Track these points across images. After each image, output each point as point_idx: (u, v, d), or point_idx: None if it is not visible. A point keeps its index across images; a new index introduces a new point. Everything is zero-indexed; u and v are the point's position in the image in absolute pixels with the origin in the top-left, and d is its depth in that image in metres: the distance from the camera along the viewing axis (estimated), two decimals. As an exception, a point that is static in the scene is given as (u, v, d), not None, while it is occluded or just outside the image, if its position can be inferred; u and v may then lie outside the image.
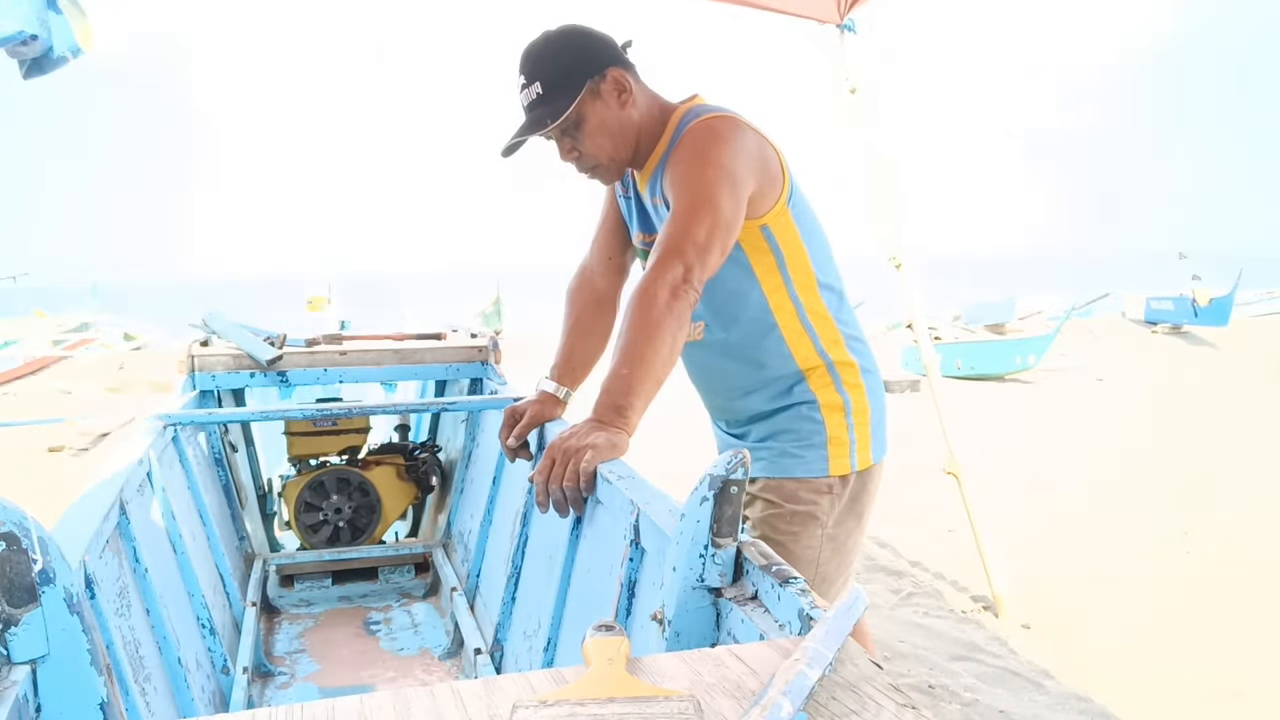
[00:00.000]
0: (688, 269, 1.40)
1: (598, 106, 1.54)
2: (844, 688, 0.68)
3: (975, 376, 10.08)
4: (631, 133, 1.58)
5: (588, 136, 1.56)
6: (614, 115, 1.56)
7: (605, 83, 1.54)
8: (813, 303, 1.61)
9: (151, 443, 1.89)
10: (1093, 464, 5.74)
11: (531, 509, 2.02)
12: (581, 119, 1.54)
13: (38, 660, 0.72)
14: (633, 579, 1.24)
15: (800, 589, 0.83)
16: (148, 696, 1.41)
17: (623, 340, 1.40)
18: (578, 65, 1.53)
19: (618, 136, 1.57)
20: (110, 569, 1.41)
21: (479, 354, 2.97)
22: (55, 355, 13.23)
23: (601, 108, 1.55)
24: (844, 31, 3.13)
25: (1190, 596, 3.42)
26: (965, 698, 2.64)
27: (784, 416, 1.62)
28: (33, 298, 21.90)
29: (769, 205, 1.55)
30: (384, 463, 3.03)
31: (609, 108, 1.55)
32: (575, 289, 1.85)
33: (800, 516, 1.60)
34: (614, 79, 1.55)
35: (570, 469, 1.32)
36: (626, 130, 1.57)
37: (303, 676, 2.18)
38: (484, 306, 19.96)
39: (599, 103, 1.54)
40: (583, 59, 1.53)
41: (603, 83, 1.54)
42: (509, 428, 1.70)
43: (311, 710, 0.65)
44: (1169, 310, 14.19)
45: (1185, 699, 2.64)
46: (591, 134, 1.56)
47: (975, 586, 3.50)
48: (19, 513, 0.70)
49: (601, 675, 0.68)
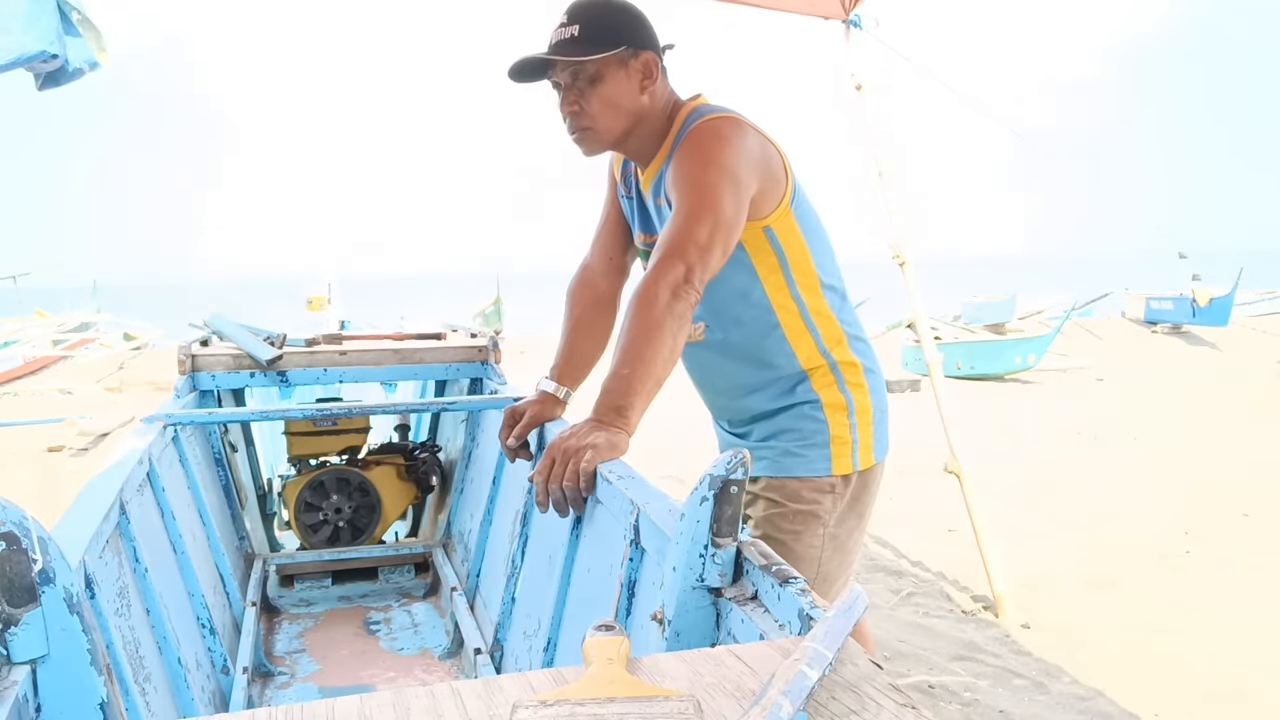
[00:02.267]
0: (689, 269, 1.40)
1: (619, 76, 1.55)
2: (844, 687, 0.68)
3: (975, 376, 10.08)
4: (635, 117, 1.58)
5: (596, 97, 1.55)
6: (628, 92, 1.56)
7: (637, 60, 1.55)
8: (815, 303, 1.61)
9: (151, 443, 1.89)
10: (1093, 464, 5.74)
11: (531, 509, 2.02)
12: (599, 77, 1.54)
13: (38, 660, 0.72)
14: (633, 579, 1.24)
15: (800, 589, 0.83)
16: (148, 696, 1.41)
17: (623, 340, 1.40)
18: (622, 29, 1.54)
19: (621, 113, 1.57)
20: (110, 569, 1.41)
21: (479, 354, 2.97)
22: (55, 355, 13.23)
23: (623, 79, 1.55)
24: (850, 27, 3.12)
25: (1190, 597, 3.42)
26: (965, 698, 2.64)
27: (787, 416, 1.62)
28: (33, 298, 21.94)
29: (772, 206, 1.55)
30: (384, 463, 3.03)
31: (629, 82, 1.56)
32: (576, 289, 1.85)
33: (803, 516, 1.60)
34: (646, 60, 1.56)
35: (570, 469, 1.32)
36: (633, 112, 1.57)
37: (303, 676, 2.18)
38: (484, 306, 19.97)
39: (622, 72, 1.55)
40: (629, 27, 1.55)
41: (634, 58, 1.55)
42: (509, 428, 1.70)
43: (311, 710, 0.65)
44: (1169, 310, 14.19)
45: (1185, 699, 2.64)
46: (600, 96, 1.55)
47: (975, 586, 3.50)
48: (19, 513, 0.70)
49: (601, 675, 0.68)
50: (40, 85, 2.12)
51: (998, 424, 7.17)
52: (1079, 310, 14.54)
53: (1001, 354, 10.46)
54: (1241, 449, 6.07)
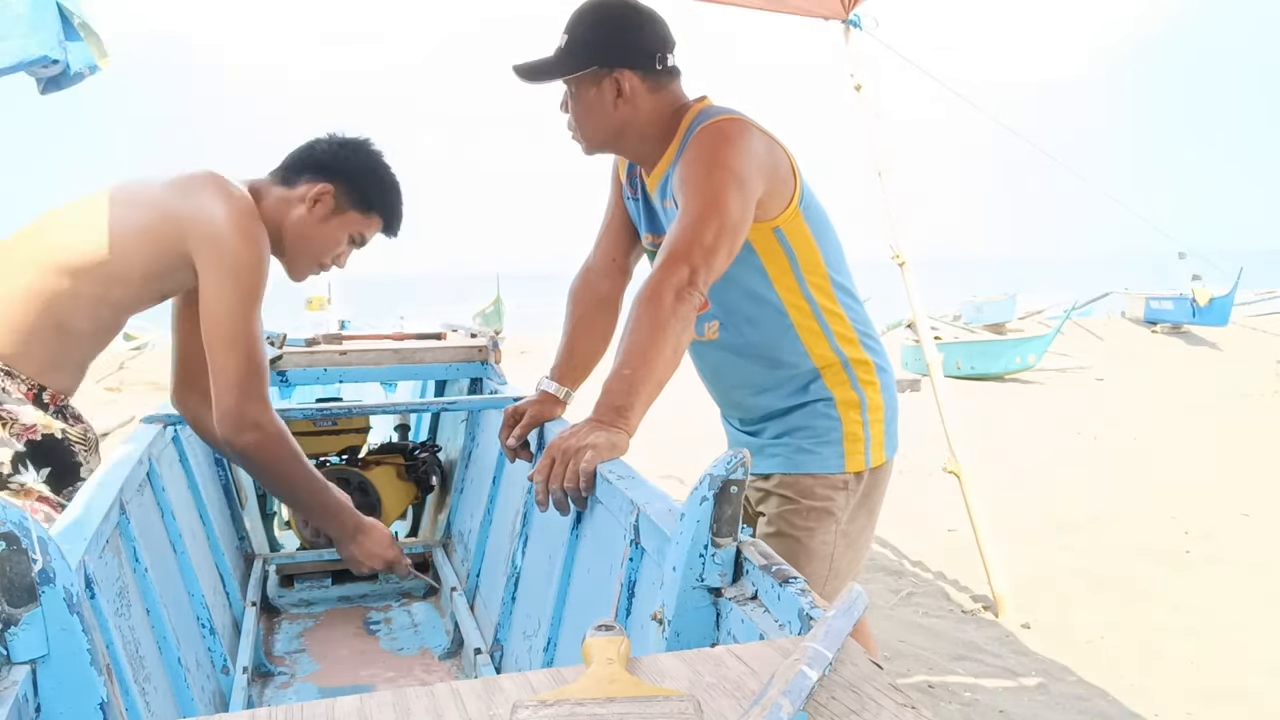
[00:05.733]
0: (693, 271, 1.41)
1: (592, 92, 1.58)
2: (844, 687, 0.68)
3: (975, 376, 10.08)
4: (613, 129, 1.60)
5: (577, 107, 1.61)
6: (600, 108, 1.58)
7: (607, 78, 1.56)
8: (827, 301, 1.62)
9: (151, 443, 1.89)
10: (1093, 464, 5.74)
11: (531, 509, 2.02)
12: (576, 92, 1.59)
13: (38, 660, 0.72)
14: (633, 579, 1.24)
15: (800, 589, 0.82)
16: (148, 696, 1.41)
17: (626, 341, 1.41)
18: (595, 48, 1.55)
19: (599, 125, 1.60)
20: (110, 569, 1.41)
21: (479, 354, 2.97)
22: (55, 355, 13.20)
23: (594, 96, 1.58)
24: (849, 27, 3.12)
25: (1190, 597, 3.42)
26: (965, 698, 2.64)
27: (800, 414, 1.63)
28: (33, 298, 21.86)
29: (780, 208, 1.56)
30: (384, 462, 3.03)
31: (601, 99, 1.58)
32: (578, 289, 1.85)
33: (816, 512, 1.61)
34: (616, 80, 1.56)
35: (570, 469, 1.32)
36: (610, 125, 1.60)
37: (303, 676, 2.18)
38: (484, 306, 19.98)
39: (594, 90, 1.57)
40: (603, 45, 1.56)
41: (605, 77, 1.56)
42: (509, 428, 1.70)
43: (311, 710, 0.65)
44: (1169, 310, 14.18)
45: (1185, 699, 2.64)
46: (577, 110, 1.61)
47: (975, 586, 3.50)
48: (19, 513, 0.70)
49: (601, 675, 0.68)
50: (42, 89, 2.14)
51: (998, 424, 7.17)
52: (1079, 310, 14.54)
53: (1001, 354, 10.47)
54: (1241, 449, 6.07)
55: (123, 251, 1.57)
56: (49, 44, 1.90)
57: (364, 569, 1.81)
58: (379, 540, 1.77)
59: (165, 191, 1.61)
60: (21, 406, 1.52)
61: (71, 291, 1.56)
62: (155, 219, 1.58)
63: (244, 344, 1.56)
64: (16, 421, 1.51)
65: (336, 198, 1.73)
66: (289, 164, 1.78)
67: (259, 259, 1.60)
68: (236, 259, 1.56)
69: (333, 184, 1.73)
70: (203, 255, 1.56)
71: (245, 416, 1.58)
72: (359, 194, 1.76)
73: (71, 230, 1.59)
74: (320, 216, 1.72)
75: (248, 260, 1.57)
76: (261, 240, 1.60)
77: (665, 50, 1.59)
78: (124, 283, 1.60)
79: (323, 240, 1.74)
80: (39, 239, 1.59)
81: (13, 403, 1.51)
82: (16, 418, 1.51)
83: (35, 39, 1.88)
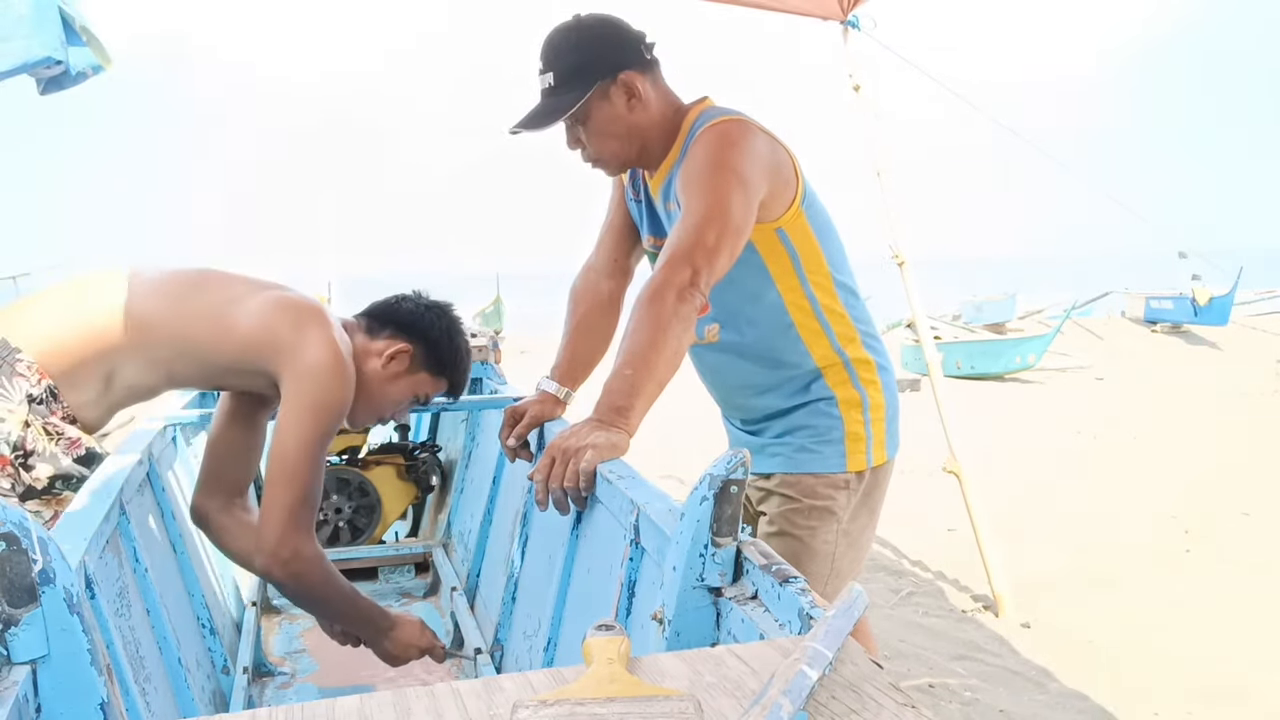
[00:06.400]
0: (695, 272, 1.40)
1: (604, 108, 1.55)
2: (844, 687, 0.68)
3: (975, 376, 10.09)
4: (638, 135, 1.59)
5: (593, 134, 1.58)
6: (620, 118, 1.56)
7: (615, 86, 1.55)
8: (829, 301, 1.62)
9: (151, 443, 1.89)
10: (1093, 463, 5.74)
11: (531, 509, 2.02)
12: (587, 117, 1.56)
13: (38, 660, 0.72)
14: (633, 579, 1.24)
15: (800, 588, 0.83)
16: (148, 696, 1.41)
17: (627, 341, 1.41)
18: (590, 65, 1.53)
19: (622, 138, 1.58)
20: (110, 569, 1.41)
21: (479, 354, 2.97)
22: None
23: (609, 109, 1.56)
24: (848, 28, 3.13)
25: (1190, 596, 3.42)
26: (965, 697, 2.64)
27: (802, 413, 1.63)
28: (32, 298, 21.89)
29: (783, 208, 1.56)
30: (384, 463, 3.03)
31: (616, 110, 1.56)
32: (579, 290, 1.85)
33: (818, 511, 1.61)
34: (624, 83, 1.55)
35: (570, 469, 1.32)
36: (632, 133, 1.58)
37: (303, 676, 2.18)
38: (484, 306, 19.97)
39: (606, 104, 1.55)
40: (597, 58, 1.54)
41: (612, 85, 1.54)
42: (509, 428, 1.70)
43: (311, 710, 0.65)
44: (1169, 310, 14.18)
45: (1185, 698, 2.64)
46: (596, 133, 1.58)
47: (975, 586, 3.50)
48: (19, 513, 0.70)
49: (601, 675, 0.68)
50: (43, 90, 2.14)
51: (998, 424, 7.17)
52: (1079, 310, 14.54)
53: (1001, 354, 10.47)
54: (1241, 448, 6.07)
55: (208, 340, 1.56)
56: (51, 45, 1.91)
57: (401, 664, 1.79)
58: (411, 633, 1.77)
59: (274, 308, 1.57)
60: (65, 425, 1.53)
61: (132, 347, 1.53)
62: (256, 329, 1.56)
63: (306, 480, 1.54)
64: (63, 436, 1.51)
65: (413, 358, 1.73)
66: (375, 314, 1.78)
67: (344, 403, 1.58)
68: (326, 397, 1.54)
69: (412, 345, 1.72)
70: (292, 385, 1.54)
71: (288, 547, 1.55)
72: (434, 358, 1.76)
73: (165, 299, 1.57)
74: (394, 373, 1.71)
75: (335, 402, 1.56)
76: (351, 386, 1.59)
77: (643, 38, 1.59)
78: (193, 363, 1.59)
79: (392, 396, 1.74)
80: (128, 289, 1.55)
81: (56, 420, 1.51)
82: (63, 432, 1.51)
83: (38, 40, 1.88)
